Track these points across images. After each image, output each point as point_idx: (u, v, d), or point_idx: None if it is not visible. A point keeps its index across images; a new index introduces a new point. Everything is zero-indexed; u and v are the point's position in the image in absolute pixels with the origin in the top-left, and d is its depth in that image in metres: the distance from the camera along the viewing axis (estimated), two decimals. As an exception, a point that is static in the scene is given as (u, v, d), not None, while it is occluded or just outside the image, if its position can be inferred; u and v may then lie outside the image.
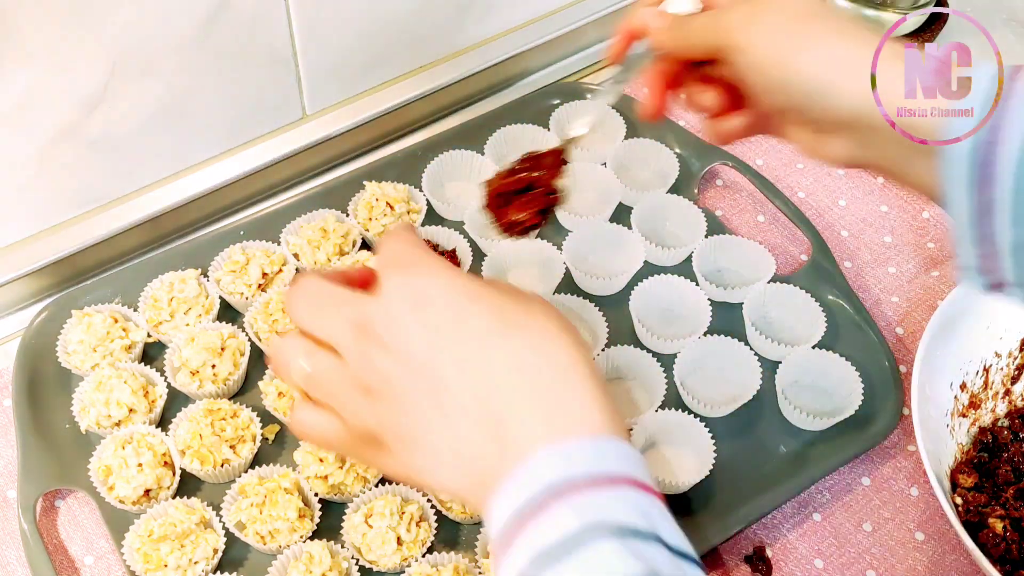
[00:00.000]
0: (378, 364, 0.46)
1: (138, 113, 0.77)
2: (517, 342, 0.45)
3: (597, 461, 0.42)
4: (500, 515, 0.42)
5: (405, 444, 0.46)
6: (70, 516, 0.70)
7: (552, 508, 0.41)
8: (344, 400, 0.47)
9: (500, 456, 0.43)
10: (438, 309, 0.46)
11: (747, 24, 0.52)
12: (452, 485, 0.45)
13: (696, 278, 0.81)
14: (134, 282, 0.79)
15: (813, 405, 0.75)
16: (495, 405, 0.44)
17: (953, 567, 0.70)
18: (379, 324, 0.46)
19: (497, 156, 0.87)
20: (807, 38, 0.51)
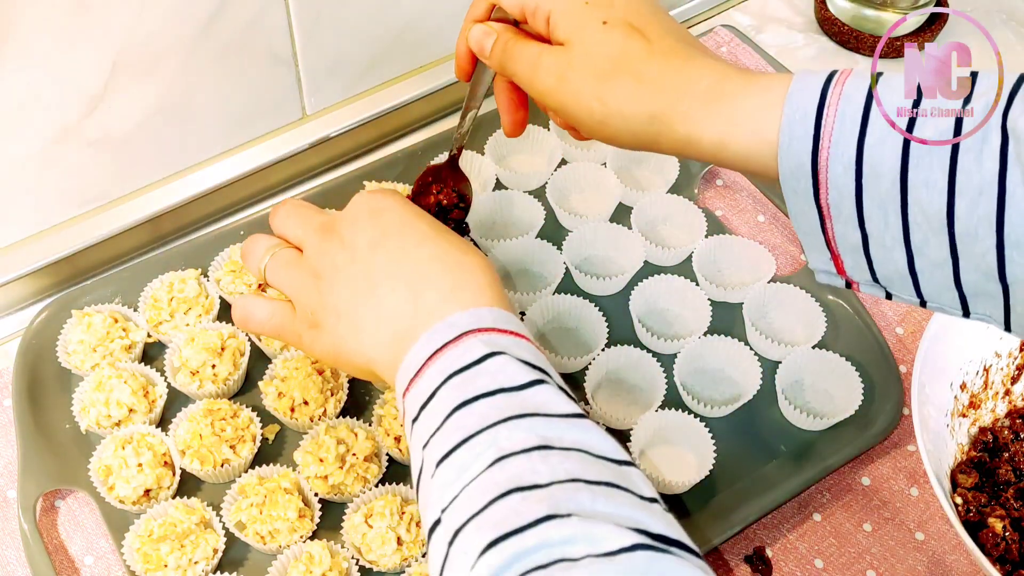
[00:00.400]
0: (332, 253, 0.56)
1: (138, 113, 0.77)
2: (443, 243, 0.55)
3: (502, 320, 0.51)
4: (413, 359, 0.50)
5: (339, 317, 0.55)
6: (70, 516, 0.70)
7: (465, 340, 0.49)
8: (297, 283, 0.57)
9: (413, 315, 0.52)
10: (389, 215, 0.57)
11: (555, 91, 0.54)
12: (369, 346, 0.54)
13: (696, 278, 0.81)
14: (134, 282, 0.79)
15: (813, 405, 0.75)
16: (414, 280, 0.53)
17: (953, 567, 0.70)
18: (340, 223, 0.57)
19: (497, 156, 0.87)
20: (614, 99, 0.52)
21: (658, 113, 0.51)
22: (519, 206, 0.85)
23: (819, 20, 1.04)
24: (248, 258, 0.61)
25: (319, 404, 0.72)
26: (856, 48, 1.01)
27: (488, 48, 0.59)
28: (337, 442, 0.69)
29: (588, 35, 0.53)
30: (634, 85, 0.52)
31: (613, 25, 0.53)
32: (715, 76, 0.51)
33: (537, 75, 0.55)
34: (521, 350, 0.50)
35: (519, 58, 0.57)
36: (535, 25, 0.57)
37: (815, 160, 0.47)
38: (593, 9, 0.54)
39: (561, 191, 0.86)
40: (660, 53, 0.52)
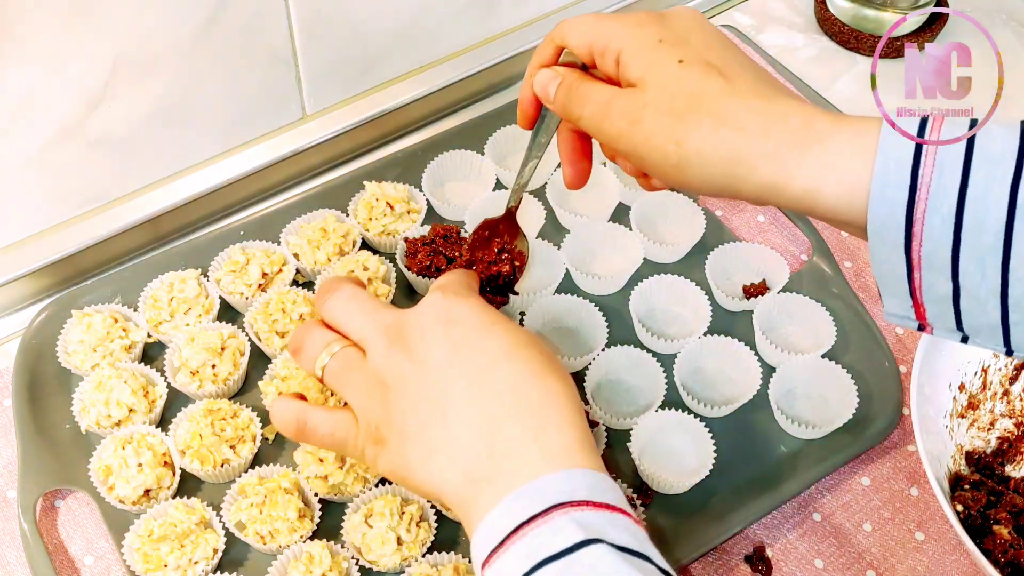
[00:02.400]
0: (399, 364, 0.52)
1: (138, 113, 0.77)
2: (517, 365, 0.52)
3: (597, 491, 0.47)
4: (497, 523, 0.47)
5: (405, 438, 0.51)
6: (70, 516, 0.70)
7: (555, 519, 0.45)
8: (360, 391, 0.53)
9: (489, 459, 0.49)
10: (463, 327, 0.53)
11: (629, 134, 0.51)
12: (439, 477, 0.50)
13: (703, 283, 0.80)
14: (134, 282, 0.79)
15: (808, 414, 0.75)
16: (491, 416, 0.50)
17: (953, 567, 0.70)
18: (410, 331, 0.53)
19: (497, 156, 0.87)
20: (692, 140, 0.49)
21: (740, 156, 0.48)
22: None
23: (819, 20, 1.04)
24: (302, 353, 0.57)
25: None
26: (856, 48, 1.01)
27: (552, 92, 0.56)
28: (337, 442, 0.69)
29: (663, 74, 0.50)
30: (714, 125, 0.48)
31: (689, 63, 0.50)
32: (802, 116, 0.48)
33: (608, 118, 0.52)
34: (619, 531, 0.46)
35: (587, 100, 0.53)
36: (604, 67, 0.54)
37: (910, 210, 0.44)
38: (667, 47, 0.51)
39: (561, 191, 0.86)
40: (741, 92, 0.49)
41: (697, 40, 0.52)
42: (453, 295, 0.55)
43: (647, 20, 0.53)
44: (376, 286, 0.78)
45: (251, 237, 0.81)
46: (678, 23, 0.53)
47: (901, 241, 0.45)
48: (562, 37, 0.57)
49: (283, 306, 0.75)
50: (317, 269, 0.79)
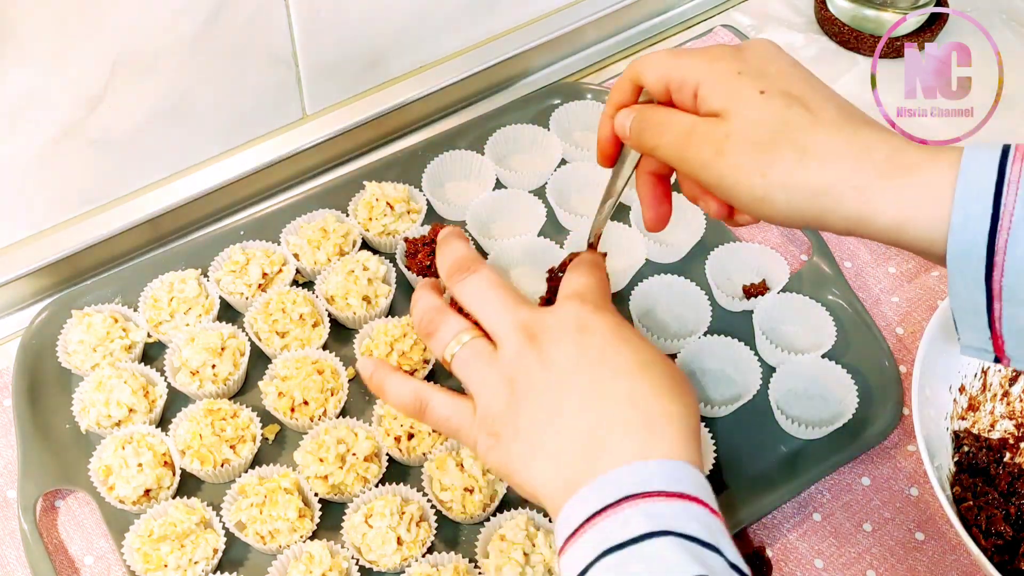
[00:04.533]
0: (528, 364, 0.52)
1: (138, 113, 0.77)
2: (641, 382, 0.51)
3: (671, 480, 0.47)
4: (572, 513, 0.47)
5: (516, 434, 0.52)
6: (70, 516, 0.70)
7: (624, 510, 0.46)
8: (486, 384, 0.54)
9: (589, 464, 0.49)
10: (595, 338, 0.53)
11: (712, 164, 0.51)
12: (540, 479, 0.50)
13: (703, 283, 0.80)
14: (134, 282, 0.79)
15: (809, 414, 0.75)
16: (602, 423, 0.50)
17: (953, 567, 0.70)
18: (545, 333, 0.53)
19: (497, 156, 0.87)
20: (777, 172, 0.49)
21: (826, 187, 0.48)
22: (519, 206, 0.85)
23: (819, 20, 1.04)
24: (434, 337, 0.57)
25: (319, 404, 0.71)
26: (856, 48, 1.01)
27: (628, 128, 0.56)
28: (337, 442, 0.69)
29: (745, 105, 0.50)
30: (799, 158, 0.48)
31: (771, 95, 0.50)
32: (889, 148, 0.47)
33: (690, 147, 0.52)
34: (689, 521, 0.45)
35: (666, 128, 0.53)
36: (681, 101, 0.54)
37: (992, 240, 0.44)
38: (747, 79, 0.51)
39: (561, 191, 0.86)
40: (825, 123, 0.49)
41: (776, 71, 0.52)
42: (592, 305, 0.55)
43: (723, 54, 0.53)
44: (376, 286, 0.78)
45: (251, 237, 0.81)
46: (755, 55, 0.53)
47: (981, 271, 0.45)
48: (637, 74, 0.56)
49: (283, 306, 0.75)
50: (317, 269, 0.79)
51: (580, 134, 0.91)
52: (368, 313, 0.77)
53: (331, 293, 0.77)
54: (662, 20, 1.04)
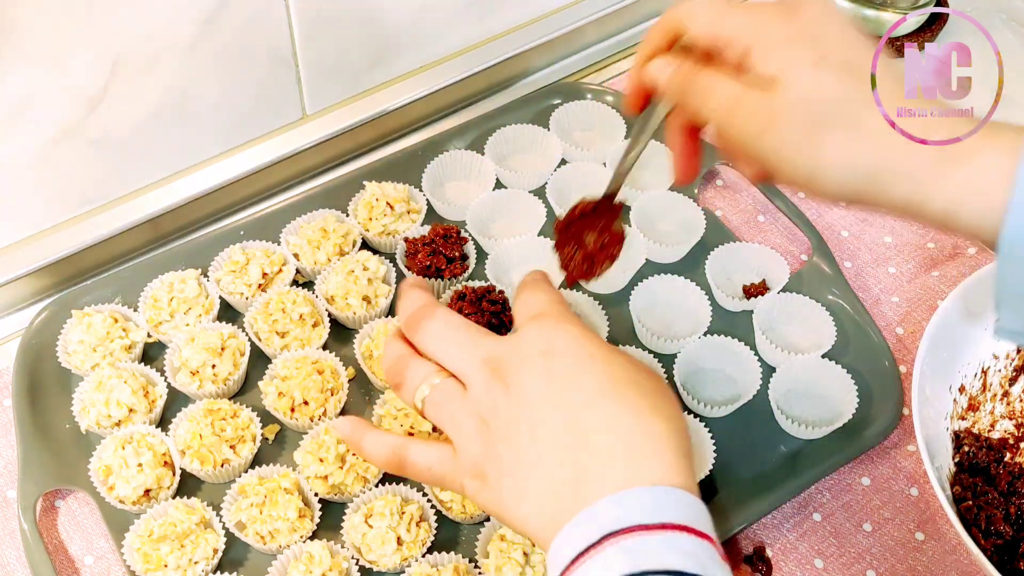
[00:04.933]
0: (497, 399, 0.50)
1: (138, 113, 0.77)
2: (618, 405, 0.49)
3: (654, 510, 0.45)
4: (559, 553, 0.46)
5: (501, 475, 0.50)
6: (70, 516, 0.70)
7: (605, 549, 0.44)
8: (462, 428, 0.51)
9: (573, 501, 0.47)
10: (562, 361, 0.50)
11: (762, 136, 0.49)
12: (531, 520, 0.49)
13: (703, 283, 0.80)
14: (134, 282, 0.79)
15: (809, 414, 0.75)
16: (582, 457, 0.48)
17: (953, 567, 0.70)
18: (507, 363, 0.51)
19: (497, 156, 0.87)
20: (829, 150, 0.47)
21: (878, 170, 0.46)
22: (519, 206, 0.85)
23: (819, 20, 1.04)
24: (403, 386, 0.55)
25: (319, 404, 0.71)
26: (856, 48, 1.01)
27: (665, 80, 0.53)
28: (337, 442, 0.69)
29: (797, 76, 0.47)
30: (852, 137, 0.47)
31: (827, 66, 0.48)
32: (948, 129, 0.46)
33: (736, 117, 0.49)
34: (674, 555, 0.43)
35: (711, 93, 0.51)
36: (728, 59, 0.51)
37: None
38: (802, 46, 0.48)
39: (561, 191, 0.86)
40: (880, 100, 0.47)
41: (832, 37, 0.49)
42: (553, 322, 0.53)
43: (778, 14, 0.50)
44: (376, 286, 0.78)
45: (251, 237, 0.81)
46: (810, 17, 0.50)
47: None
48: (680, 23, 0.53)
49: (283, 306, 0.75)
50: (317, 269, 0.79)
51: (580, 134, 0.92)
52: (368, 313, 0.77)
53: (331, 293, 0.77)
54: (662, 20, 1.04)
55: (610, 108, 0.91)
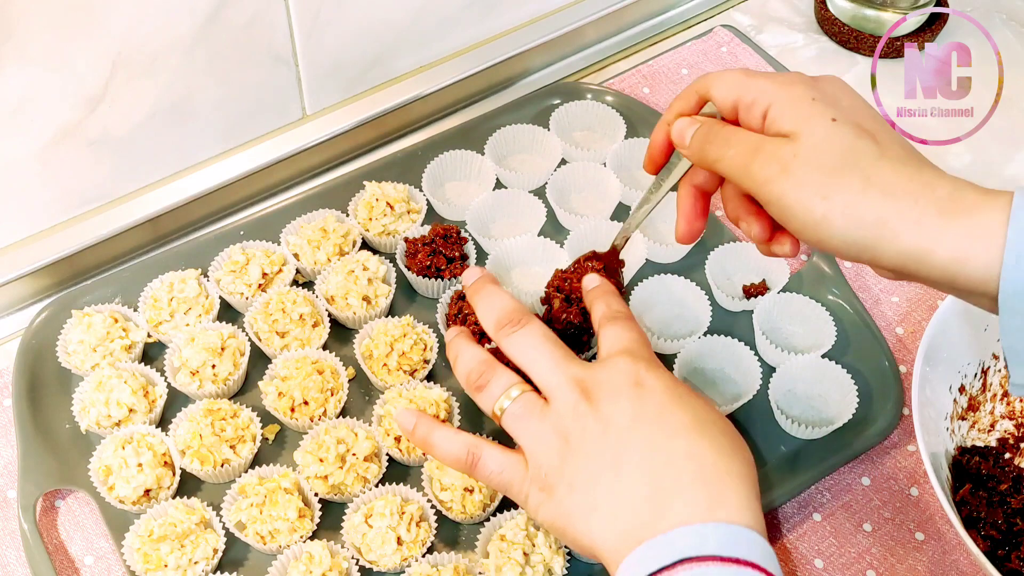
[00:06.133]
0: (584, 419, 0.53)
1: (138, 113, 0.77)
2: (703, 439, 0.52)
3: (728, 544, 0.47)
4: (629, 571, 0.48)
5: (572, 489, 0.52)
6: (70, 516, 0.70)
7: (678, 573, 0.46)
8: (540, 441, 0.54)
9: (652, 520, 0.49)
10: (650, 395, 0.53)
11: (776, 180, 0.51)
12: (599, 533, 0.51)
13: (703, 283, 0.80)
14: (134, 282, 0.79)
15: (809, 414, 0.75)
16: (665, 480, 0.50)
17: (953, 567, 0.70)
18: (600, 389, 0.54)
19: (497, 156, 0.87)
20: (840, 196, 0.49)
21: (886, 219, 0.48)
22: (519, 206, 0.85)
23: (819, 20, 1.04)
24: (484, 392, 0.57)
25: (319, 404, 0.72)
26: (856, 48, 1.01)
27: (689, 136, 0.56)
28: (337, 442, 0.69)
29: (815, 129, 0.51)
30: (863, 186, 0.49)
31: (841, 123, 0.51)
32: (951, 187, 0.48)
33: (755, 161, 0.52)
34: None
35: (730, 143, 0.54)
36: (749, 120, 0.54)
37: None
38: (820, 105, 0.52)
39: (561, 191, 0.86)
40: (891, 157, 0.50)
41: (848, 104, 0.53)
42: (645, 361, 0.55)
43: (798, 80, 0.54)
44: (376, 286, 0.78)
45: (251, 237, 0.81)
46: (829, 87, 0.54)
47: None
48: (706, 88, 0.57)
49: (283, 306, 0.75)
50: (317, 269, 0.79)
51: (580, 134, 0.92)
52: (368, 313, 0.77)
53: (331, 293, 0.77)
54: (662, 20, 1.04)
55: (610, 108, 0.91)
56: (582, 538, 0.52)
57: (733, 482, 0.50)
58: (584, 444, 0.52)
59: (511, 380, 0.56)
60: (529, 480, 0.54)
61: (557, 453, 0.53)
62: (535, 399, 0.55)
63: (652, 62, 0.99)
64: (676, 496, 0.50)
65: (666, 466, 0.51)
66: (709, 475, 0.50)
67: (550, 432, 0.54)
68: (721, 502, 0.49)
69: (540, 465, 0.54)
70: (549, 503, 0.53)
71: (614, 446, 0.52)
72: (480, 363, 0.58)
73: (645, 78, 0.97)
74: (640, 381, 0.54)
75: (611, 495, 0.51)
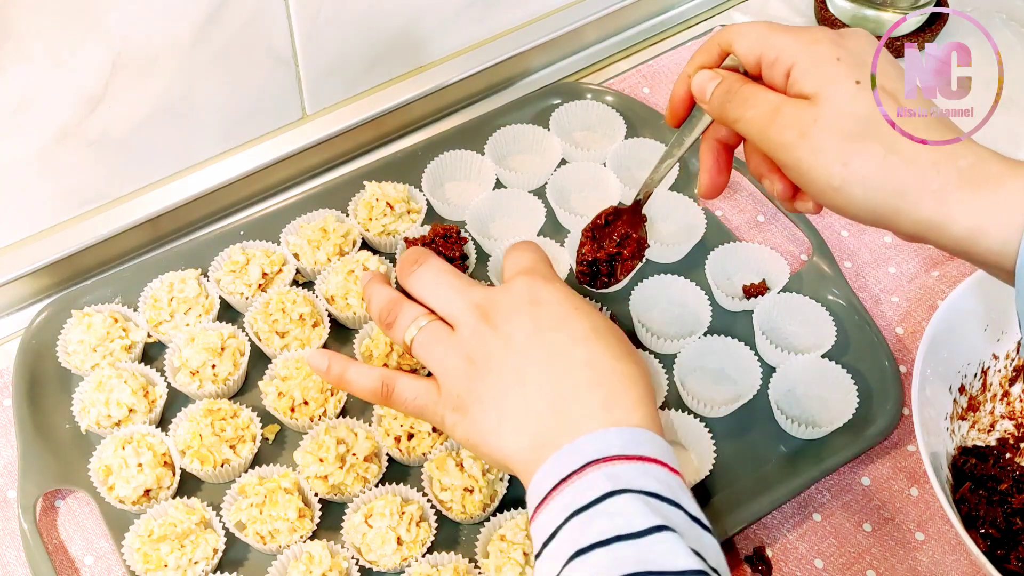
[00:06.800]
0: (486, 339, 0.56)
1: (138, 113, 0.77)
2: (598, 346, 0.55)
3: (631, 444, 0.50)
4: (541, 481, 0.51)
5: (483, 406, 0.55)
6: (70, 516, 0.70)
7: (588, 474, 0.49)
8: (448, 364, 0.57)
9: (556, 427, 0.52)
10: (548, 309, 0.56)
11: (795, 145, 0.50)
12: (509, 447, 0.54)
13: (703, 283, 0.80)
14: (134, 282, 0.79)
15: (809, 414, 0.75)
16: (565, 387, 0.53)
17: (953, 567, 0.70)
18: (497, 309, 0.56)
19: (497, 156, 0.87)
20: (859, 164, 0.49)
21: (906, 187, 0.48)
22: (519, 206, 0.85)
23: (819, 20, 1.04)
24: (394, 326, 0.60)
25: (319, 404, 0.72)
26: (856, 48, 1.01)
27: (709, 92, 0.55)
28: (337, 442, 0.69)
29: (839, 92, 0.50)
30: (883, 154, 0.48)
31: (866, 86, 0.50)
32: (975, 156, 0.48)
33: (774, 125, 0.51)
34: (648, 479, 0.48)
35: (751, 103, 0.53)
36: (772, 78, 0.53)
37: None
38: (846, 67, 0.50)
39: (561, 191, 0.86)
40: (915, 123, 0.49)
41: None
42: (540, 278, 0.58)
43: (823, 37, 0.52)
44: (376, 286, 0.78)
45: (251, 237, 0.81)
46: (854, 45, 0.52)
47: None
48: (728, 42, 0.56)
49: (283, 306, 0.75)
50: (317, 269, 0.79)
51: (580, 134, 0.92)
52: (368, 313, 0.77)
53: (331, 293, 0.77)
54: (662, 20, 1.04)
55: (610, 108, 0.91)
56: (495, 452, 0.54)
57: (629, 383, 0.53)
58: (488, 362, 0.55)
59: (417, 312, 0.59)
60: (442, 403, 0.57)
61: (465, 374, 0.56)
62: (440, 326, 0.58)
63: (652, 62, 0.99)
64: (575, 401, 0.53)
65: (565, 374, 0.54)
66: (604, 379, 0.53)
67: (456, 355, 0.56)
68: (616, 402, 0.52)
69: (451, 387, 0.56)
70: (464, 421, 0.56)
71: (516, 361, 0.54)
72: (389, 300, 0.61)
73: (645, 78, 0.97)
74: (537, 298, 0.57)
75: (517, 407, 0.54)
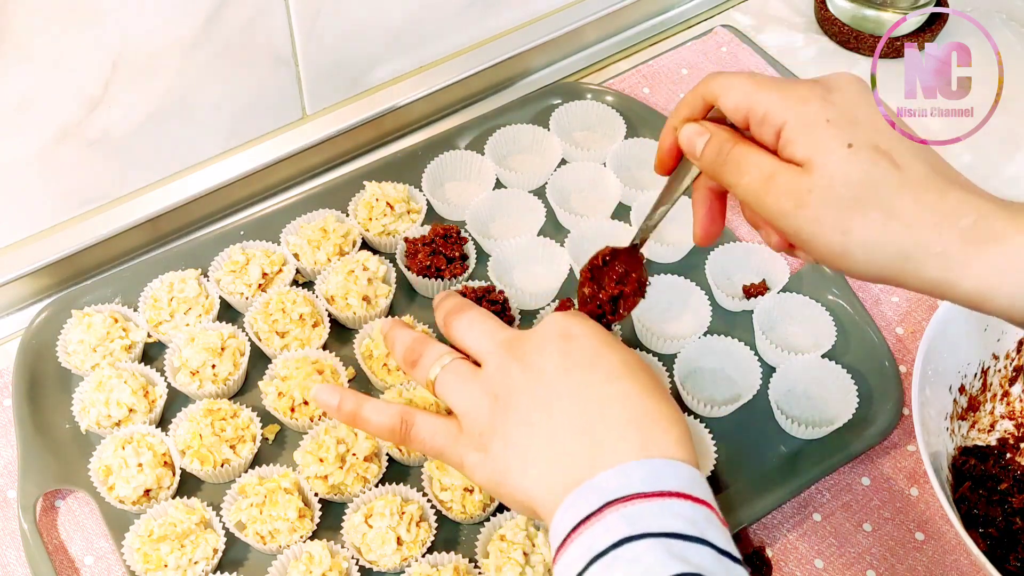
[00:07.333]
0: (512, 373, 0.53)
1: (138, 113, 0.77)
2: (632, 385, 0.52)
3: (653, 479, 0.47)
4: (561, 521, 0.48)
5: (507, 445, 0.52)
6: (70, 516, 0.70)
7: (606, 516, 0.46)
8: (470, 402, 0.54)
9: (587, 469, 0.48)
10: (579, 345, 0.53)
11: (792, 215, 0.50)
12: (537, 485, 0.50)
13: (703, 283, 0.80)
14: (134, 282, 0.79)
15: (809, 414, 0.75)
16: (597, 424, 0.50)
17: (953, 567, 0.70)
18: (526, 344, 0.54)
19: (497, 156, 0.87)
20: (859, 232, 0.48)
21: (908, 252, 0.47)
22: (519, 206, 0.85)
23: (819, 20, 1.04)
24: (417, 364, 0.57)
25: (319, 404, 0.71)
26: (856, 48, 1.01)
27: (699, 148, 0.54)
28: (337, 442, 0.69)
29: (830, 159, 0.48)
30: (883, 220, 0.48)
31: (859, 149, 0.48)
32: (977, 213, 0.47)
33: (770, 194, 0.50)
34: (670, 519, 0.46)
35: (745, 168, 0.52)
36: (761, 135, 0.52)
37: None
38: (835, 129, 0.49)
39: (561, 191, 0.86)
40: (912, 184, 0.48)
41: (864, 117, 0.50)
42: (575, 317, 0.56)
43: (811, 95, 0.51)
44: (376, 286, 0.78)
45: (251, 237, 0.81)
46: (844, 98, 0.51)
47: None
48: (713, 96, 0.54)
49: (283, 306, 0.75)
50: (317, 269, 0.79)
51: (580, 134, 0.92)
52: (368, 313, 0.77)
53: (331, 293, 0.77)
54: (662, 20, 1.04)
55: (610, 108, 0.91)
56: (519, 493, 0.51)
57: (664, 423, 0.50)
58: (513, 398, 0.52)
59: (442, 350, 0.57)
60: (464, 443, 0.54)
61: (488, 411, 0.53)
62: (465, 364, 0.56)
63: (652, 62, 0.99)
64: (609, 440, 0.49)
65: (599, 411, 0.51)
66: (641, 417, 0.50)
67: (479, 392, 0.54)
68: (654, 441, 0.49)
69: (473, 426, 0.53)
70: (486, 461, 0.53)
71: (545, 395, 0.52)
72: (414, 340, 0.59)
73: (645, 78, 0.97)
74: (568, 333, 0.54)
75: (547, 446, 0.51)
